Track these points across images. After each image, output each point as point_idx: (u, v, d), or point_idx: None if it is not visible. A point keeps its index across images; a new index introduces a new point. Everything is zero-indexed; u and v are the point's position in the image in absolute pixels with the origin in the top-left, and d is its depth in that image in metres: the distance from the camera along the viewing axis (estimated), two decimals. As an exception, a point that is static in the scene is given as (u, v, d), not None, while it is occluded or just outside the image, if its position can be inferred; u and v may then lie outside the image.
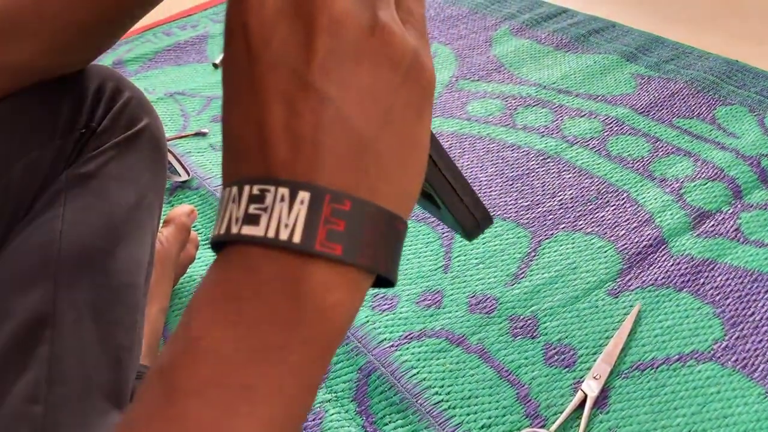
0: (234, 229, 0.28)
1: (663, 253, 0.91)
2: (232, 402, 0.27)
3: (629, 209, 0.98)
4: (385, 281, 0.31)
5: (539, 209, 0.99)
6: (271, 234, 0.27)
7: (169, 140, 1.17)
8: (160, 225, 0.85)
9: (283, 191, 0.27)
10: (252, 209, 0.28)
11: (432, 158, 0.40)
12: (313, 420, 0.72)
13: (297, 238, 0.27)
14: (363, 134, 0.29)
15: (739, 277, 0.86)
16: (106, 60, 1.49)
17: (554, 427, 0.70)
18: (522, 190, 1.03)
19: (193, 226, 0.99)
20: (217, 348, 0.27)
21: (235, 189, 0.28)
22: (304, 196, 0.27)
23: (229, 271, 0.28)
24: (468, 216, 0.40)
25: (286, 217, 0.27)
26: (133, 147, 0.61)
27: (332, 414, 0.73)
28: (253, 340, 0.27)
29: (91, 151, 0.58)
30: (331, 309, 0.29)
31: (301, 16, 0.29)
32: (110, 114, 0.61)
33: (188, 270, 0.90)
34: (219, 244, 0.29)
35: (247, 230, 0.28)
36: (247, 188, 0.28)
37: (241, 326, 0.28)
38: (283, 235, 0.27)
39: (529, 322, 0.82)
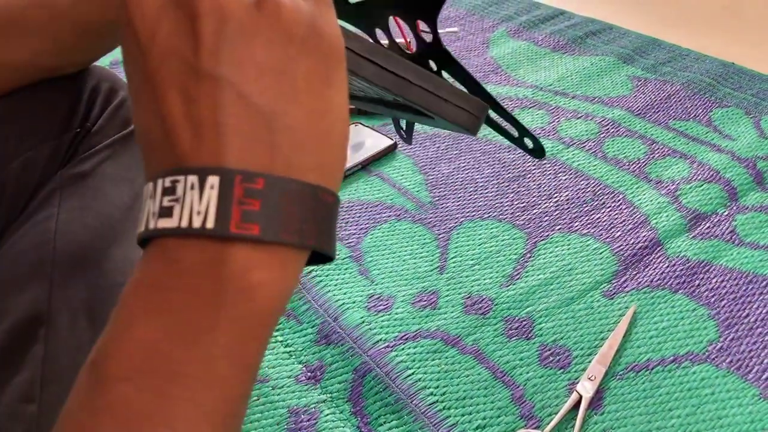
0: (151, 224, 0.28)
1: (658, 254, 0.91)
2: (164, 387, 0.27)
3: (625, 211, 0.98)
4: (323, 256, 0.31)
5: (535, 210, 0.99)
6: (184, 224, 0.28)
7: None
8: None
9: (192, 179, 0.28)
10: (166, 202, 0.28)
11: (399, 75, 0.39)
12: (308, 420, 0.72)
13: (210, 224, 0.27)
14: (267, 110, 0.29)
15: (734, 279, 0.86)
16: (103, 60, 1.48)
17: (549, 428, 0.70)
18: (518, 191, 1.04)
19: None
20: (144, 336, 0.27)
21: (150, 185, 0.29)
22: (213, 180, 0.27)
23: (150, 264, 0.29)
24: (460, 113, 0.39)
25: (198, 204, 0.27)
26: (128, 147, 0.61)
27: (327, 414, 0.73)
28: (181, 326, 0.28)
29: (86, 151, 0.58)
30: (257, 288, 0.29)
31: (182, 6, 0.29)
32: (105, 114, 0.61)
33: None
34: (143, 242, 0.29)
35: (163, 223, 0.28)
36: (160, 182, 0.28)
37: (166, 313, 0.28)
38: (196, 223, 0.27)
39: (525, 323, 0.82)
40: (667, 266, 0.89)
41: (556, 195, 1.02)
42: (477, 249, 0.93)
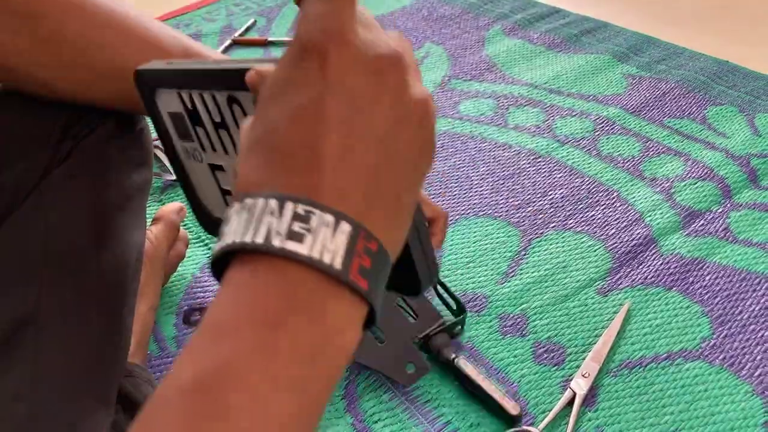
0: (276, 242, 0.28)
1: (652, 252, 0.91)
2: (255, 429, 0.27)
3: (619, 208, 0.98)
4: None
5: (530, 208, 1.00)
6: (315, 254, 0.28)
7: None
8: (149, 223, 0.85)
9: (328, 218, 0.28)
10: (296, 227, 0.28)
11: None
12: (303, 418, 0.72)
13: (338, 264, 0.28)
14: (399, 186, 0.31)
15: (728, 276, 0.87)
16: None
17: (543, 425, 0.71)
18: (513, 189, 1.04)
19: (183, 224, 0.99)
20: (246, 375, 0.27)
21: (273, 202, 0.28)
22: (345, 227, 0.29)
23: (265, 289, 0.28)
24: (425, 267, 0.42)
25: (330, 242, 0.28)
26: (123, 148, 0.61)
27: (322, 412, 0.73)
28: (281, 371, 0.28)
29: (81, 152, 0.58)
30: (348, 345, 0.30)
31: (379, 74, 0.31)
32: (97, 118, 0.61)
33: (178, 268, 0.90)
34: (239, 252, 0.29)
35: (292, 246, 0.28)
36: (290, 205, 0.28)
37: (271, 355, 0.28)
38: (327, 259, 0.28)
39: (519, 320, 0.82)
40: (661, 263, 0.89)
41: (550, 192, 1.02)
42: (472, 246, 0.93)
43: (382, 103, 0.30)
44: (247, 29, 1.58)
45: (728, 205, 0.98)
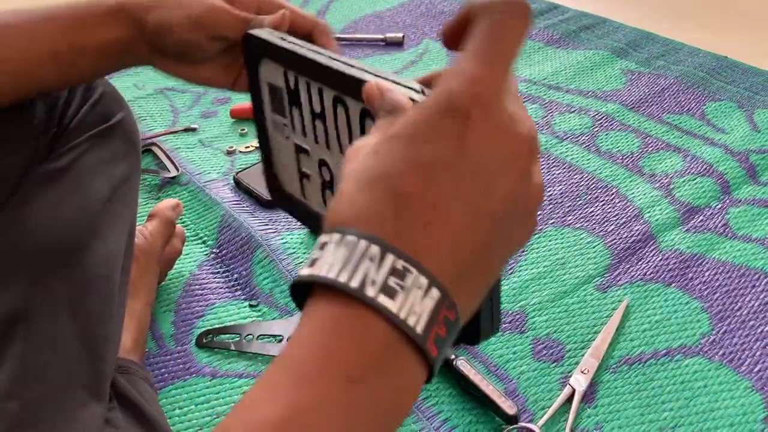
0: (370, 292, 0.28)
1: (652, 248, 0.91)
2: None
3: (618, 204, 0.98)
4: None
5: (529, 205, 0.99)
6: (403, 314, 0.28)
7: (158, 136, 1.17)
8: (145, 219, 0.85)
9: (423, 281, 0.28)
10: (392, 281, 0.28)
11: None
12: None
13: (419, 329, 0.28)
14: (494, 263, 0.32)
15: (727, 272, 0.87)
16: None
17: (542, 421, 0.70)
18: (512, 185, 1.03)
19: (181, 221, 0.99)
20: (323, 426, 0.27)
21: (375, 250, 0.28)
22: (435, 293, 0.28)
23: (350, 337, 0.29)
24: (489, 322, 0.42)
25: (418, 306, 0.28)
26: (106, 141, 0.60)
27: (320, 409, 0.73)
28: (355, 425, 0.28)
29: (63, 147, 0.58)
30: (410, 406, 0.30)
31: (514, 157, 0.30)
32: (83, 110, 0.61)
33: (176, 265, 0.90)
34: (328, 285, 0.29)
35: (384, 300, 0.28)
36: (390, 257, 0.28)
37: (349, 410, 0.28)
38: (411, 321, 0.28)
39: (518, 317, 0.82)
40: (660, 260, 0.89)
41: (549, 189, 1.02)
42: (470, 243, 0.93)
43: (507, 185, 0.30)
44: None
45: (727, 201, 0.98)
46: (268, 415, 0.27)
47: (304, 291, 0.30)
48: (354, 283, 0.28)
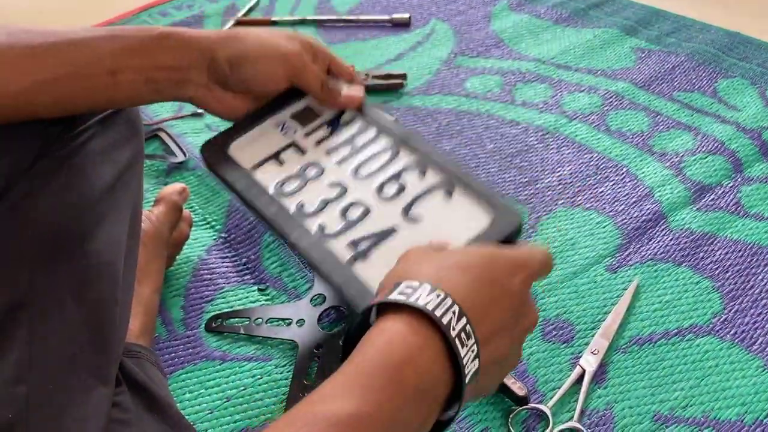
0: (452, 333, 0.38)
1: (662, 227, 0.90)
2: None
3: (629, 184, 0.97)
4: None
5: (538, 185, 0.99)
6: (466, 361, 0.38)
7: (165, 121, 1.17)
8: (151, 204, 0.85)
9: (474, 348, 0.39)
10: (462, 335, 0.38)
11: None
12: (311, 398, 0.72)
13: (466, 381, 0.38)
14: (502, 368, 0.45)
15: (739, 251, 0.86)
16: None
17: (552, 402, 0.70)
18: (521, 166, 1.03)
19: (189, 206, 0.99)
20: (385, 422, 0.35)
21: (457, 308, 0.39)
22: (474, 366, 0.39)
23: (419, 362, 0.37)
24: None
25: (471, 363, 0.39)
26: (110, 127, 0.60)
27: (330, 392, 0.73)
28: (404, 424, 0.36)
29: (67, 133, 0.58)
30: (432, 415, 0.39)
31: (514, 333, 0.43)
32: None
33: (184, 250, 0.90)
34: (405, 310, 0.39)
35: (458, 345, 0.38)
36: (464, 320, 0.39)
37: (402, 420, 0.36)
38: (467, 370, 0.38)
39: (527, 298, 0.82)
40: (671, 239, 0.88)
41: (559, 169, 1.01)
42: (479, 225, 0.93)
43: (525, 324, 0.44)
44: (251, 9, 1.56)
45: (739, 180, 0.97)
46: (339, 409, 0.34)
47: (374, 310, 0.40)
48: (444, 320, 0.38)
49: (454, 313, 0.38)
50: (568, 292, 0.82)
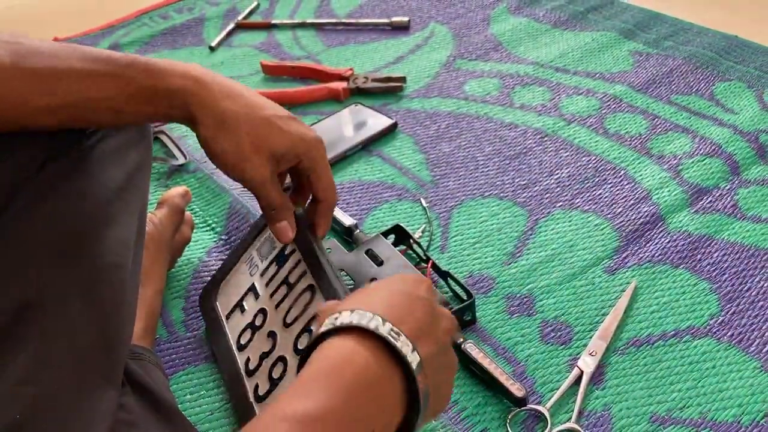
0: (382, 332, 0.42)
1: (660, 229, 0.91)
2: None
3: (626, 186, 0.98)
4: None
5: (536, 188, 0.99)
6: (404, 351, 0.42)
7: (166, 123, 1.17)
8: (154, 207, 0.85)
9: (408, 343, 0.43)
10: (392, 333, 0.43)
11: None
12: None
13: (414, 365, 0.43)
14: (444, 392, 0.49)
15: (736, 253, 0.86)
16: (102, 44, 1.48)
17: (550, 403, 0.71)
18: (519, 168, 1.03)
19: (190, 209, 0.99)
20: (337, 419, 0.38)
21: (379, 318, 0.43)
22: (414, 358, 0.43)
23: (365, 364, 0.41)
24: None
25: (410, 355, 0.43)
26: (120, 130, 0.61)
27: (330, 393, 0.73)
28: (354, 422, 0.39)
29: (77, 136, 0.58)
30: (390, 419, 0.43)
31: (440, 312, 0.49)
32: None
33: (185, 252, 0.91)
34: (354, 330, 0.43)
35: (391, 339, 0.42)
36: (389, 324, 0.43)
37: (353, 413, 0.39)
38: (409, 359, 0.42)
39: (526, 300, 0.82)
40: (669, 241, 0.89)
41: (557, 172, 1.02)
42: (478, 227, 0.93)
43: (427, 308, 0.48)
44: (251, 12, 1.57)
45: (736, 182, 0.97)
46: (301, 409, 0.37)
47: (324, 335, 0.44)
48: (371, 326, 0.42)
49: (378, 320, 0.42)
50: (566, 294, 0.83)
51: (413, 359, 0.42)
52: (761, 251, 0.86)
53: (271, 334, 0.66)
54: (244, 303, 0.71)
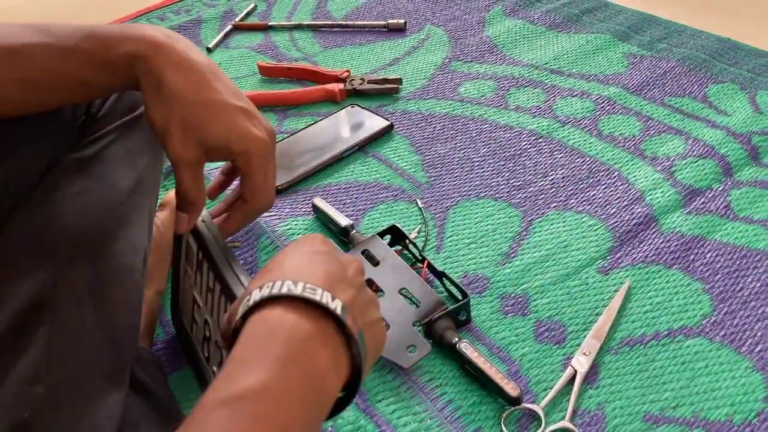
0: (297, 291, 0.43)
1: (653, 230, 0.91)
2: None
3: (620, 188, 0.99)
4: None
5: (531, 189, 1.00)
6: (323, 299, 0.43)
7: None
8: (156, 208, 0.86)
9: (327, 294, 0.44)
10: (307, 289, 0.43)
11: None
12: (308, 399, 0.73)
13: (338, 311, 0.44)
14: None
15: (729, 254, 0.87)
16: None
17: (544, 402, 0.71)
18: (514, 170, 1.04)
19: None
20: (274, 392, 0.38)
21: (288, 282, 0.43)
22: (336, 304, 0.44)
23: (293, 327, 0.42)
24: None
25: (332, 301, 0.43)
26: (132, 131, 0.61)
27: (326, 392, 0.74)
28: (295, 392, 0.39)
29: (91, 136, 0.59)
30: (332, 387, 0.43)
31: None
32: (110, 99, 0.61)
33: (183, 253, 0.91)
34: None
35: (309, 295, 0.43)
36: (301, 284, 0.43)
37: (287, 383, 0.39)
38: (332, 306, 0.43)
39: (520, 299, 0.83)
40: (662, 242, 0.89)
41: (551, 173, 1.03)
42: (473, 228, 0.94)
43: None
44: (248, 14, 1.58)
45: (729, 183, 0.98)
46: (241, 387, 0.37)
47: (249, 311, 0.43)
48: (284, 290, 0.42)
49: (289, 283, 0.43)
50: (560, 294, 0.83)
51: (336, 305, 0.42)
52: (753, 252, 0.87)
53: (217, 343, 0.64)
54: (195, 316, 0.70)
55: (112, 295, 0.54)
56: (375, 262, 0.83)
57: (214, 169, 1.06)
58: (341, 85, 1.23)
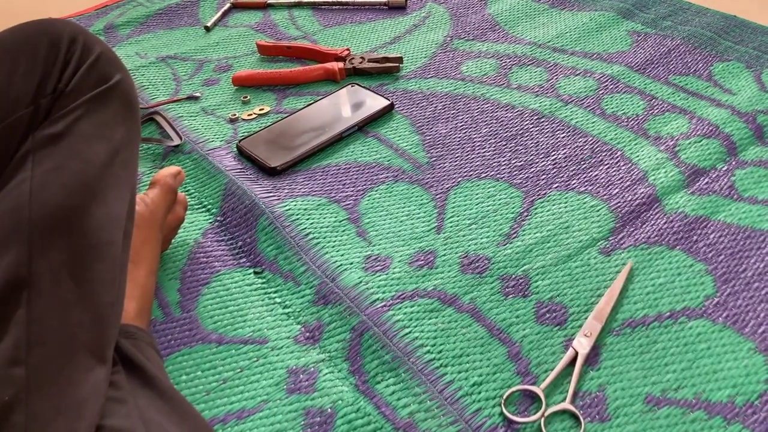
0: None
1: (656, 211, 0.90)
2: None
3: (623, 168, 0.98)
4: None
5: (532, 169, 0.99)
6: None
7: (161, 104, 1.17)
8: (146, 188, 0.85)
9: None
10: None
11: None
12: (307, 380, 0.73)
13: None
14: None
15: (732, 234, 0.86)
16: (97, 25, 1.47)
17: (545, 384, 0.71)
18: (516, 150, 1.03)
19: (185, 190, 0.99)
20: None
21: None
22: None
23: None
24: None
25: None
26: (104, 104, 0.60)
27: (325, 374, 0.73)
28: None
29: (60, 110, 0.58)
30: None
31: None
32: (79, 72, 0.60)
33: (181, 234, 0.90)
34: None
35: None
36: None
37: None
38: None
39: (521, 281, 0.82)
40: (665, 222, 0.88)
41: (553, 153, 1.02)
42: (474, 208, 0.93)
43: None
44: (246, -8, 1.56)
45: (733, 163, 0.97)
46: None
47: None
48: None
49: None
50: (561, 275, 0.83)
51: None
52: (757, 232, 0.86)
53: None
54: None
55: (92, 272, 0.54)
56: None
57: (213, 149, 1.05)
58: (341, 64, 1.22)
